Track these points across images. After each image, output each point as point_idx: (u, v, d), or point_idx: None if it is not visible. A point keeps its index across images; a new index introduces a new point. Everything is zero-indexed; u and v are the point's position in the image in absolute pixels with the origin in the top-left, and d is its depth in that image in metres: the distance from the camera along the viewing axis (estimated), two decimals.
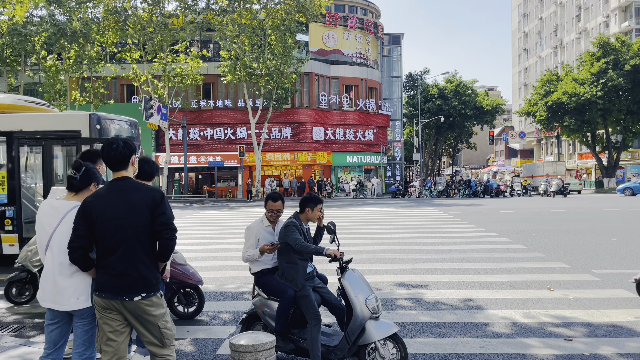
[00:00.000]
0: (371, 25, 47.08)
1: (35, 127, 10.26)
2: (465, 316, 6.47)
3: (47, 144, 10.20)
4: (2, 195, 10.20)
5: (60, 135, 10.18)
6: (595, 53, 43.97)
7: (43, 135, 10.19)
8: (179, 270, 6.24)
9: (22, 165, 10.36)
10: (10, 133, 10.17)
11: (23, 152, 10.49)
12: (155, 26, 32.28)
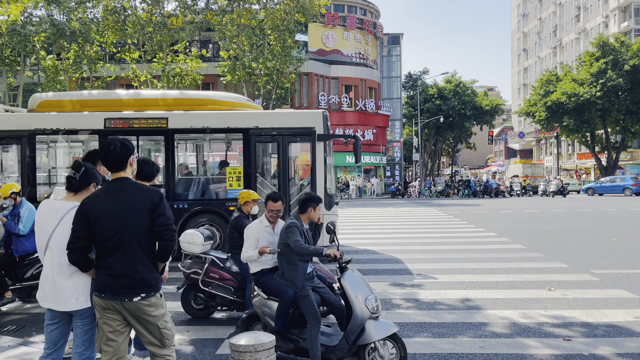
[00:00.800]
0: (370, 26, 47.09)
1: (271, 124, 10.54)
2: (465, 316, 6.48)
3: (282, 141, 10.45)
4: (239, 190, 10.32)
5: (295, 132, 10.47)
6: (595, 53, 43.99)
7: (279, 132, 10.47)
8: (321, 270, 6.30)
9: (257, 161, 10.64)
10: (247, 130, 10.45)
11: (259, 148, 10.73)
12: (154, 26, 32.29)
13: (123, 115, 10.51)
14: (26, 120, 10.47)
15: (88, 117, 10.51)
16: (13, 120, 10.62)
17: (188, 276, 6.32)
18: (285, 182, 10.46)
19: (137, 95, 11.59)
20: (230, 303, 6.26)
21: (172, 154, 10.53)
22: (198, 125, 10.52)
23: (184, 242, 6.32)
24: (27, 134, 10.34)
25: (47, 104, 10.96)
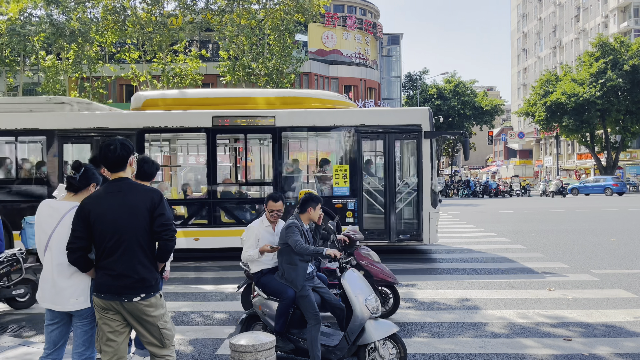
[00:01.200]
0: (370, 26, 47.11)
1: (378, 122, 10.60)
2: (465, 316, 6.48)
3: (388, 138, 10.50)
4: (345, 188, 10.49)
5: (401, 129, 10.52)
6: (594, 53, 44.00)
7: (385, 130, 10.53)
8: (378, 269, 6.30)
9: (363, 158, 10.71)
10: (354, 127, 10.51)
11: (365, 145, 10.83)
12: (154, 26, 32.29)
13: (230, 114, 10.64)
14: (135, 119, 10.59)
15: (196, 115, 10.62)
16: (123, 119, 10.77)
17: (248, 274, 6.24)
18: (392, 179, 10.54)
19: (241, 93, 11.78)
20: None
21: (279, 152, 10.63)
22: (305, 123, 10.65)
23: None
24: (136, 132, 10.46)
25: (151, 102, 11.14)
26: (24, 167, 11.06)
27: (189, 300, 7.48)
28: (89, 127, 10.49)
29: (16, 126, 10.46)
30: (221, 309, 6.98)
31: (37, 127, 10.48)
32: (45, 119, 10.50)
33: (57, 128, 10.43)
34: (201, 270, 9.83)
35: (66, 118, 10.55)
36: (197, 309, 7.02)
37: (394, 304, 6.42)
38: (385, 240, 10.55)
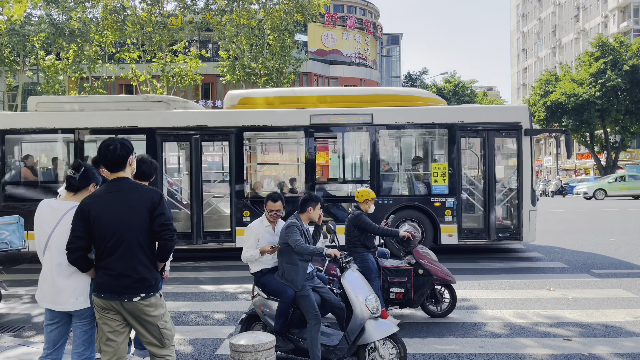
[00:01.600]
0: (370, 26, 47.11)
1: (477, 119, 10.57)
2: (464, 316, 6.48)
3: (487, 136, 10.47)
4: (443, 186, 10.47)
5: (501, 127, 10.48)
6: (594, 53, 44.01)
7: (484, 127, 10.49)
8: (437, 267, 6.30)
9: (462, 156, 10.65)
10: (452, 125, 10.51)
11: (464, 143, 10.78)
12: (154, 26, 32.29)
13: (328, 112, 10.68)
14: (234, 117, 10.64)
15: (294, 113, 10.68)
16: (221, 117, 10.81)
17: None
18: (491, 177, 10.50)
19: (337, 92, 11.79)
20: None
21: (376, 150, 10.65)
22: (402, 120, 10.62)
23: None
24: (235, 130, 10.53)
25: (247, 101, 11.21)
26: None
27: (189, 300, 7.48)
28: (188, 125, 10.59)
29: (116, 124, 10.55)
30: (221, 309, 6.98)
31: (137, 126, 10.57)
32: (145, 117, 10.61)
33: (158, 126, 10.52)
34: (201, 270, 9.83)
35: (166, 116, 10.65)
36: (196, 308, 7.01)
37: (450, 303, 6.47)
38: (484, 239, 10.53)
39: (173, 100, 11.26)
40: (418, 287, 6.10)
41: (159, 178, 10.43)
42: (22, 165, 10.86)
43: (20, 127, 10.68)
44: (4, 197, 10.49)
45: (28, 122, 10.71)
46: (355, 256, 6.23)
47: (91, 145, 11.05)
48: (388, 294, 6.11)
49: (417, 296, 6.11)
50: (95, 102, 11.46)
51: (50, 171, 11.38)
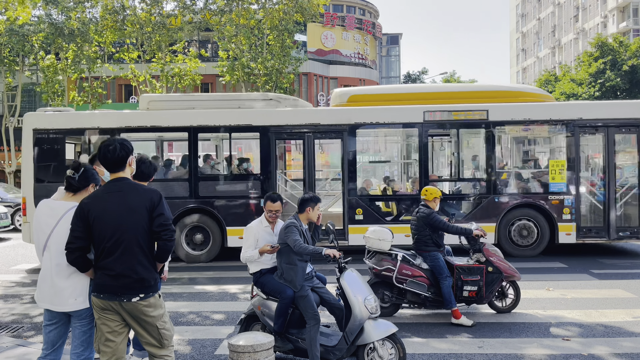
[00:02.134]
0: (369, 26, 47.11)
1: (596, 115, 10.46)
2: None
3: (607, 132, 10.34)
4: (562, 184, 10.36)
5: (622, 123, 10.36)
6: (593, 53, 44.01)
7: (604, 124, 10.38)
8: (506, 264, 6.41)
9: (581, 153, 10.51)
10: (571, 121, 10.40)
11: (583, 140, 10.62)
12: (153, 26, 32.29)
13: (442, 108, 10.52)
14: (347, 115, 10.55)
15: (407, 110, 10.56)
16: (334, 115, 10.70)
17: (379, 273, 6.30)
18: (611, 174, 10.35)
19: (449, 88, 11.76)
20: (423, 300, 6.29)
21: (491, 147, 10.53)
22: (519, 117, 10.46)
23: (374, 238, 6.36)
24: (347, 127, 10.48)
25: (357, 98, 11.09)
26: (239, 162, 11.31)
27: (188, 301, 7.48)
28: (301, 123, 10.59)
29: (229, 122, 10.57)
30: (220, 309, 6.98)
31: (251, 124, 10.58)
32: (258, 115, 10.62)
33: (271, 124, 10.51)
34: (200, 271, 9.83)
35: (279, 114, 10.64)
36: (195, 309, 7.01)
37: (514, 299, 6.58)
38: (603, 237, 10.39)
39: (284, 98, 11.27)
40: (488, 285, 6.24)
41: (273, 175, 10.49)
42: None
43: (135, 125, 10.66)
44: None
45: (143, 121, 10.71)
46: (426, 255, 6.33)
47: (205, 143, 11.21)
48: (461, 292, 6.22)
49: (487, 293, 6.25)
50: (206, 100, 11.55)
51: (163, 170, 11.30)
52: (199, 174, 10.59)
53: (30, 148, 10.39)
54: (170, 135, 11.65)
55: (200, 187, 10.47)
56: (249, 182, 10.78)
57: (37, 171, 10.40)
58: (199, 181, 10.51)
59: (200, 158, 10.93)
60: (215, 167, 11.25)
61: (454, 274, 6.23)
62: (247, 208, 10.45)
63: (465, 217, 10.31)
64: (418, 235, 6.39)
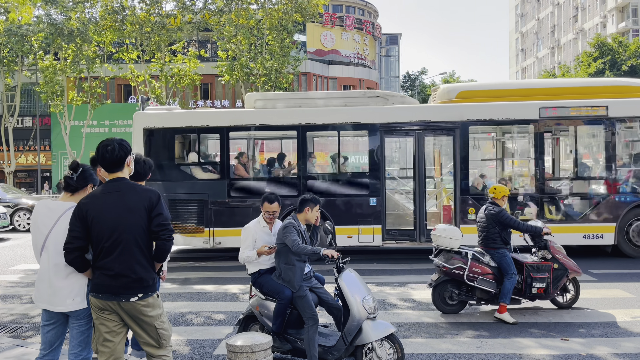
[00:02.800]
0: (369, 26, 47.12)
1: None
2: (462, 316, 6.48)
3: None
4: None
5: None
6: (593, 53, 44.08)
7: None
8: (570, 261, 6.51)
9: None
10: None
11: None
12: (152, 26, 32.27)
13: (559, 104, 10.22)
14: (458, 111, 10.33)
15: (521, 106, 10.30)
16: (445, 112, 10.46)
17: (450, 272, 6.34)
18: None
19: (563, 83, 11.58)
20: (492, 297, 6.37)
21: (612, 144, 10.18)
22: None
23: (445, 237, 6.42)
24: (459, 124, 10.26)
25: (465, 95, 10.84)
26: (346, 161, 11.23)
27: (186, 301, 7.48)
28: (410, 120, 10.40)
29: (337, 120, 10.46)
30: (218, 309, 6.97)
31: (359, 121, 10.44)
32: (366, 113, 10.45)
33: (379, 122, 10.35)
34: (199, 271, 9.83)
35: (387, 111, 10.45)
36: (194, 309, 7.01)
37: (574, 294, 6.71)
38: None
39: (391, 95, 11.06)
40: (554, 281, 6.35)
41: (381, 173, 10.31)
42: (236, 162, 10.79)
43: (243, 124, 10.67)
44: (229, 194, 10.42)
45: (251, 119, 10.67)
46: (494, 252, 6.39)
47: (311, 141, 11.13)
48: (530, 289, 6.31)
49: (553, 289, 6.37)
50: (312, 98, 11.45)
51: (266, 168, 11.31)
52: (306, 172, 10.53)
53: (141, 147, 10.43)
54: (277, 133, 11.57)
55: (308, 185, 10.39)
56: (357, 180, 10.66)
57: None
58: (306, 180, 10.46)
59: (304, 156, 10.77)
60: (321, 165, 11.11)
61: (524, 272, 6.31)
62: (354, 207, 10.31)
63: (582, 217, 10.12)
64: (486, 233, 6.46)
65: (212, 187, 10.45)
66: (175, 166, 10.67)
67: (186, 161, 10.96)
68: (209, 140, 11.89)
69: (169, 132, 10.54)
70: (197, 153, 11.10)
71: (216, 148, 11.17)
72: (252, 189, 10.59)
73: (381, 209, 10.24)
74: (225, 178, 10.48)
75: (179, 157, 10.85)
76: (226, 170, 10.53)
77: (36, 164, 38.42)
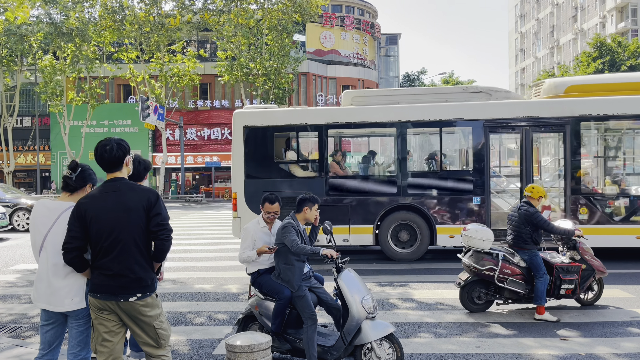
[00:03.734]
0: (368, 26, 47.12)
1: None
2: (462, 316, 6.48)
3: None
4: None
5: None
6: (592, 54, 44.08)
7: None
8: (598, 262, 6.60)
9: None
10: None
11: None
12: (152, 26, 32.26)
13: None
14: (569, 107, 9.96)
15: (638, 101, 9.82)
16: (555, 107, 10.08)
17: (480, 272, 6.36)
18: None
19: None
20: (520, 297, 6.43)
21: None
22: None
23: (477, 238, 6.43)
24: (570, 120, 9.91)
25: (575, 89, 10.48)
26: (448, 158, 11.02)
27: (185, 301, 7.47)
28: (517, 116, 10.08)
29: (439, 117, 10.17)
30: (217, 309, 6.97)
31: (462, 118, 10.15)
32: (470, 109, 10.15)
33: (484, 118, 10.05)
34: (197, 270, 9.82)
35: (493, 107, 10.16)
36: (193, 309, 7.01)
37: (598, 292, 6.81)
38: None
39: (494, 90, 10.74)
40: (582, 282, 6.42)
41: (486, 171, 9.98)
42: (331, 160, 10.66)
43: (342, 121, 10.48)
44: (327, 192, 10.30)
45: (350, 117, 10.45)
46: (524, 252, 6.42)
47: (412, 138, 10.91)
48: (559, 290, 6.35)
49: (580, 290, 6.44)
50: (411, 94, 11.12)
51: (364, 165, 11.10)
52: (406, 170, 10.30)
53: (241, 145, 10.44)
54: (376, 130, 11.37)
55: (408, 184, 10.18)
56: (460, 178, 10.34)
57: (247, 167, 10.44)
58: (407, 178, 10.23)
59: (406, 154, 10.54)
60: (420, 163, 10.87)
61: (553, 273, 6.34)
62: (458, 206, 10.04)
63: None
64: (518, 232, 6.47)
65: (310, 185, 10.38)
66: (274, 164, 10.64)
67: (284, 159, 10.87)
68: (308, 138, 11.68)
69: (268, 130, 10.50)
70: (295, 151, 10.98)
71: (314, 146, 11.06)
72: (351, 187, 10.47)
73: (485, 208, 9.96)
74: (323, 176, 10.41)
75: (278, 155, 10.80)
76: (324, 168, 10.46)
77: (35, 164, 38.41)
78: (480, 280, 6.48)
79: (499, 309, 6.76)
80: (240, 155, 10.47)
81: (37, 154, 37.23)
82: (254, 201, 10.12)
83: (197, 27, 35.52)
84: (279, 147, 10.97)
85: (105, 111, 37.46)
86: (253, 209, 10.10)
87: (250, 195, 10.26)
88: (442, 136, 10.41)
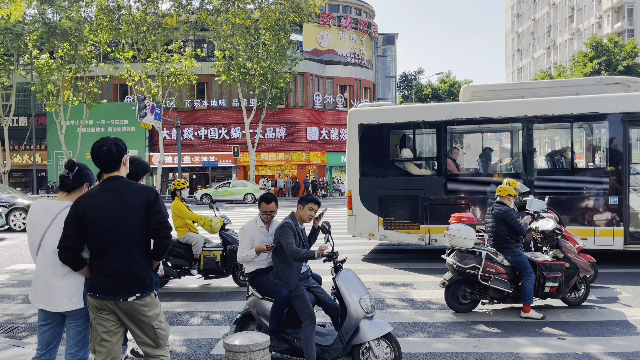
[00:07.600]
0: (365, 26, 47.11)
1: None
2: (459, 315, 6.49)
3: None
4: None
5: None
6: (588, 54, 44.21)
7: None
8: (581, 261, 6.61)
9: None
10: None
11: None
12: (148, 25, 32.17)
13: None
14: None
15: None
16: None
17: (464, 271, 6.38)
18: None
19: None
20: (505, 296, 6.44)
21: None
22: None
23: (459, 237, 6.43)
24: None
25: None
26: (580, 155, 10.54)
27: (184, 300, 7.46)
28: None
29: (570, 111, 9.53)
30: (216, 309, 6.96)
31: (597, 111, 9.42)
32: (606, 101, 9.44)
33: (622, 111, 9.25)
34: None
35: (633, 100, 9.38)
36: (191, 309, 7.00)
37: (585, 292, 6.82)
38: None
39: (633, 81, 10.03)
40: (566, 280, 6.45)
41: (624, 169, 9.24)
42: (447, 158, 10.28)
43: (462, 117, 10.07)
44: (446, 190, 10.02)
45: (470, 112, 10.05)
46: (507, 252, 6.44)
47: (538, 134, 10.45)
48: (543, 288, 6.37)
49: (565, 288, 6.45)
50: (537, 88, 10.57)
51: (484, 163, 10.64)
52: (532, 168, 9.80)
53: (356, 143, 10.33)
54: (497, 126, 11.00)
55: (534, 182, 9.62)
56: (594, 177, 9.61)
57: (362, 165, 10.33)
58: (532, 176, 9.72)
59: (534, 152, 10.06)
60: (549, 161, 10.39)
61: (537, 271, 6.36)
62: (589, 206, 9.39)
63: None
64: (496, 233, 6.51)
65: (427, 183, 10.19)
66: (390, 162, 10.47)
67: (400, 157, 10.63)
68: (425, 135, 11.29)
69: (384, 128, 10.35)
70: (411, 149, 10.74)
71: (432, 143, 10.72)
72: (471, 185, 10.16)
73: (623, 208, 9.22)
74: (442, 174, 10.09)
75: (394, 153, 10.59)
76: (443, 166, 10.13)
77: (32, 163, 38.28)
78: (465, 279, 6.50)
79: (483, 308, 6.77)
80: (355, 153, 10.37)
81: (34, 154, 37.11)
82: (369, 199, 10.05)
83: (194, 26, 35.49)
84: (395, 145, 10.73)
85: (101, 111, 37.36)
86: (368, 207, 10.01)
87: (365, 194, 10.17)
88: (573, 131, 9.86)
